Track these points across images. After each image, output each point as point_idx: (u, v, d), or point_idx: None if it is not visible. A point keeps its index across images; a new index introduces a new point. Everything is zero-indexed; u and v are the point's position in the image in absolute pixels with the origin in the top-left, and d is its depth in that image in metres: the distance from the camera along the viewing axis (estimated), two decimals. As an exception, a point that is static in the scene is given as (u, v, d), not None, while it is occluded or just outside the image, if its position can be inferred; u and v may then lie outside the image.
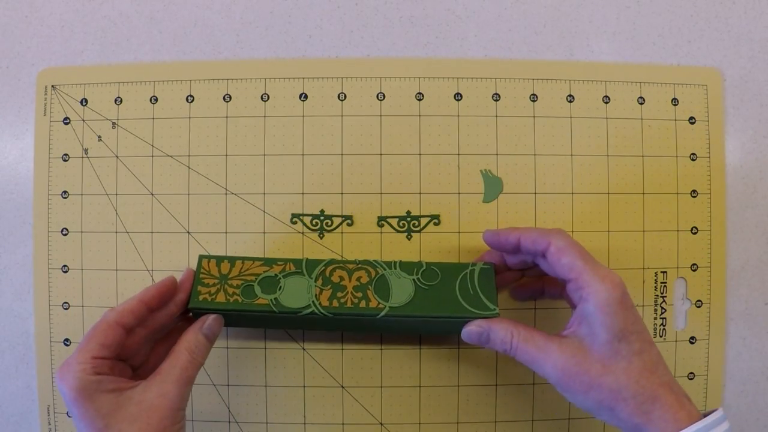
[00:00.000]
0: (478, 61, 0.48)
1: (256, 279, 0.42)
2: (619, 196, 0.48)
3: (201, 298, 0.41)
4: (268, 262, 0.43)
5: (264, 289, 0.41)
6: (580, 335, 0.37)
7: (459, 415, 0.48)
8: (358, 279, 0.42)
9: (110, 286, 0.47)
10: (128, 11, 0.49)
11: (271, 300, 0.41)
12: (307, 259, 0.43)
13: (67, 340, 0.48)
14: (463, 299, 0.41)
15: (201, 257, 0.43)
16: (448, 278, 0.42)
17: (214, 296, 0.41)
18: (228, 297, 0.41)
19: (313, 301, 0.41)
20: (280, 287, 0.41)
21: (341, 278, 0.42)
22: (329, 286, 0.42)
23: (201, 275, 0.42)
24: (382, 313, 0.41)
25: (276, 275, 0.42)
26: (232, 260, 0.42)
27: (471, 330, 0.40)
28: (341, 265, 0.43)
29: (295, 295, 0.41)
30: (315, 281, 0.42)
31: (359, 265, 0.43)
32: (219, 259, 0.42)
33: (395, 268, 0.43)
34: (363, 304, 0.41)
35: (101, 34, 0.49)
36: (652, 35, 0.49)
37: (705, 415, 0.36)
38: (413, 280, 0.42)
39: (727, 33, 0.49)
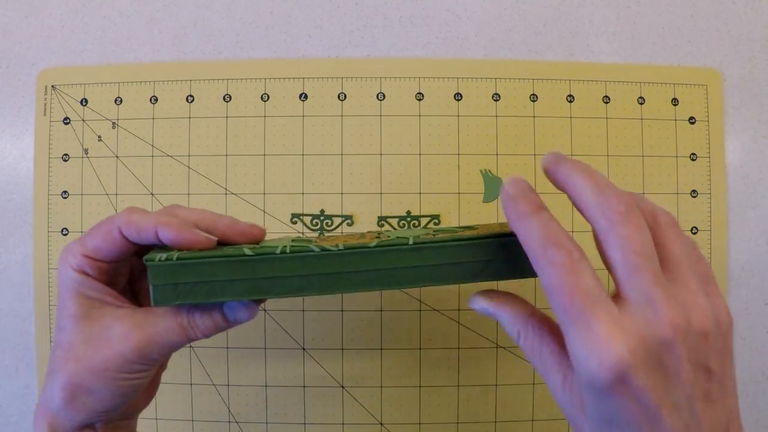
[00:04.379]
0: (478, 61, 0.48)
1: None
2: (619, 196, 0.48)
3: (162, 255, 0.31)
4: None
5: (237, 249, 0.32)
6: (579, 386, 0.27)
7: (459, 415, 0.48)
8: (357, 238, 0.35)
9: (110, 286, 0.47)
10: (128, 11, 0.49)
11: (247, 247, 0.32)
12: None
13: (67, 340, 0.48)
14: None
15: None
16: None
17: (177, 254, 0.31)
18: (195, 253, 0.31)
19: (297, 239, 0.34)
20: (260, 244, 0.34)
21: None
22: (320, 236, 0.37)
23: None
24: (387, 244, 0.32)
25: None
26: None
27: (475, 306, 0.32)
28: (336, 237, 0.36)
29: (277, 242, 0.34)
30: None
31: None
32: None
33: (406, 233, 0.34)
34: (361, 241, 0.33)
35: (101, 34, 0.49)
36: (652, 35, 0.49)
37: None
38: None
39: (727, 33, 0.49)
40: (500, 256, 0.32)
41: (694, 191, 0.48)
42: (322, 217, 0.47)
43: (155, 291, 0.31)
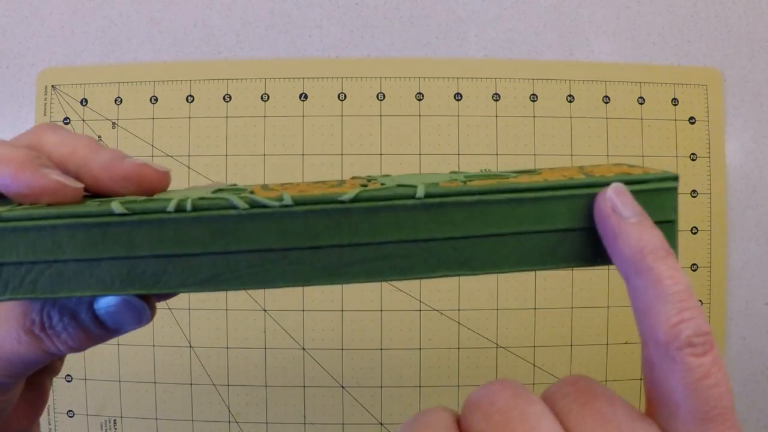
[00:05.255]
0: (478, 61, 0.48)
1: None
2: (619, 196, 0.48)
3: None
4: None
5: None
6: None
7: (459, 415, 0.48)
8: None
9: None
10: (128, 11, 0.49)
11: (119, 201, 0.19)
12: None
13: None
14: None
15: None
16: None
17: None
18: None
19: (220, 189, 0.21)
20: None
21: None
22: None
23: None
24: (375, 197, 0.19)
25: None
26: None
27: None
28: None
29: (178, 193, 0.21)
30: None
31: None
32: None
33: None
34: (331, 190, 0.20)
35: (101, 34, 0.49)
36: (652, 35, 0.49)
37: None
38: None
39: (727, 33, 0.49)
40: (591, 221, 0.19)
41: (694, 191, 0.48)
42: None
43: None
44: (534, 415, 0.17)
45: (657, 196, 0.20)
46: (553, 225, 0.19)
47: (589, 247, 0.20)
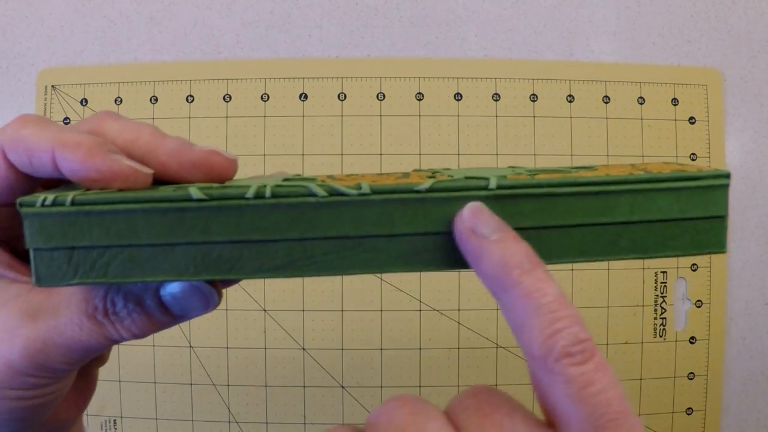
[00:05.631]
0: (478, 61, 0.48)
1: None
2: (619, 196, 0.48)
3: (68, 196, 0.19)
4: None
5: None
6: None
7: (459, 415, 0.48)
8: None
9: (110, 286, 0.47)
10: (128, 11, 0.49)
11: (197, 187, 0.19)
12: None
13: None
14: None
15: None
16: None
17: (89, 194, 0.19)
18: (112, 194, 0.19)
19: (291, 177, 0.22)
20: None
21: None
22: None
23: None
24: (451, 187, 0.20)
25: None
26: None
27: None
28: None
29: (252, 181, 0.21)
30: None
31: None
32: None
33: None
34: (394, 180, 0.20)
35: (101, 34, 0.49)
36: (652, 35, 0.49)
37: None
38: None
39: (727, 33, 0.49)
40: (651, 213, 0.20)
41: (694, 191, 0.48)
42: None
43: (37, 260, 0.19)
44: None
45: (710, 192, 0.20)
46: (614, 218, 0.20)
47: (648, 238, 0.20)
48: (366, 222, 0.19)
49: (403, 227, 0.19)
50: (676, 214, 0.20)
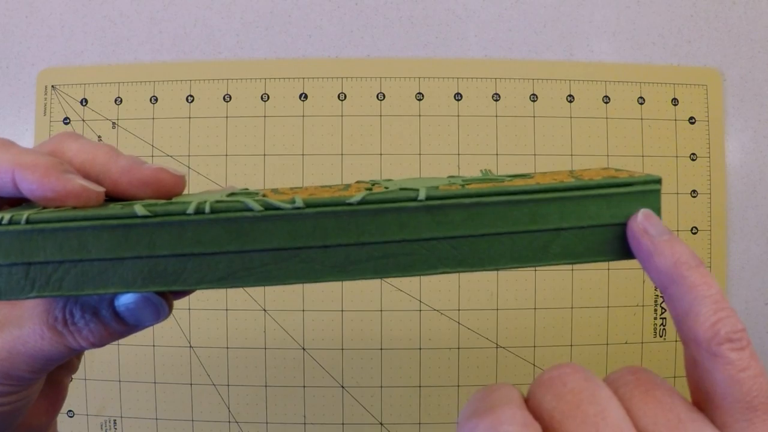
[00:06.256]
0: (478, 61, 0.48)
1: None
2: (619, 196, 0.48)
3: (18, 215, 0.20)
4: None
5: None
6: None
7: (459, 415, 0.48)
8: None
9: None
10: (128, 11, 0.49)
11: (141, 204, 0.21)
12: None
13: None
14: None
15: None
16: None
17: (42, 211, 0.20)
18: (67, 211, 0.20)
19: (234, 193, 0.22)
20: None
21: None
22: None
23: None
24: (381, 199, 0.20)
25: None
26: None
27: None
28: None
29: (195, 197, 0.22)
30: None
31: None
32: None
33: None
34: (339, 194, 0.21)
35: (101, 34, 0.49)
36: (652, 35, 0.49)
37: None
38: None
39: (727, 33, 0.49)
40: (582, 220, 0.21)
41: (694, 191, 0.48)
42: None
43: None
44: (603, 399, 0.19)
45: (641, 197, 0.21)
46: (545, 225, 0.21)
47: (579, 244, 0.21)
48: (300, 234, 0.20)
49: (336, 239, 0.20)
50: (608, 220, 0.21)
